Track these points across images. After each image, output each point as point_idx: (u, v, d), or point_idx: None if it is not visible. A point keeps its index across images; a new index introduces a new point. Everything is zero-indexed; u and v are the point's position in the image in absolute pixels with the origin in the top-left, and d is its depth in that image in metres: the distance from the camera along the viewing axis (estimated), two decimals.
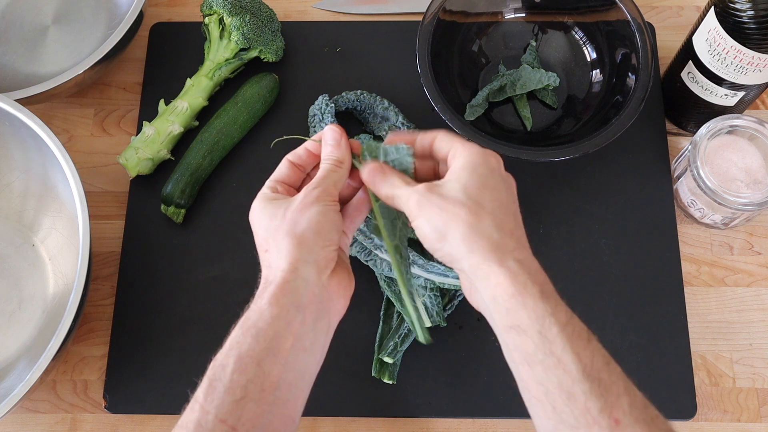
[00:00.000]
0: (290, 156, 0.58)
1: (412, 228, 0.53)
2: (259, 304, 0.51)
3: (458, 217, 0.50)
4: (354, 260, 0.73)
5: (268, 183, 0.57)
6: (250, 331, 0.50)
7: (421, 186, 0.52)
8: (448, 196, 0.51)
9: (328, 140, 0.57)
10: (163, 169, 0.79)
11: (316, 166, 0.58)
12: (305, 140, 0.59)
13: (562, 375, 0.46)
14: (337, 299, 0.54)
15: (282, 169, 0.58)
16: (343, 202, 0.58)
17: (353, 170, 0.58)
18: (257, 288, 0.54)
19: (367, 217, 0.64)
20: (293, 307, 0.50)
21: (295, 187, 0.58)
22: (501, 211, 0.51)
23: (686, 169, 0.74)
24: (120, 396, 0.72)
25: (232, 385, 0.48)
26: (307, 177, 0.59)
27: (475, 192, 0.51)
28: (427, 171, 0.57)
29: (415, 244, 0.73)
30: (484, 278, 0.50)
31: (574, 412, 0.46)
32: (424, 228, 0.51)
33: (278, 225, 0.53)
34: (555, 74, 0.80)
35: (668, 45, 0.84)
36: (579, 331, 0.48)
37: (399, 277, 0.57)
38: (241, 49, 0.81)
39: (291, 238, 0.52)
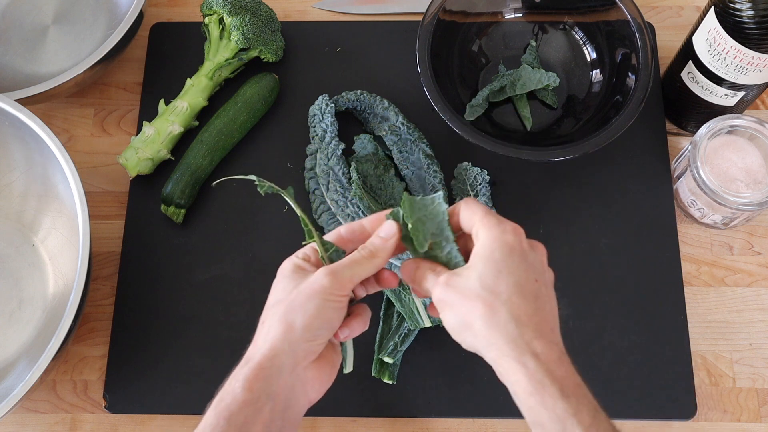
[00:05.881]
0: (343, 229, 0.56)
1: None
2: (233, 386, 0.51)
3: (474, 310, 0.49)
4: None
5: (303, 248, 0.56)
6: (223, 414, 0.50)
7: (442, 278, 0.51)
8: (465, 288, 0.50)
9: (380, 232, 0.54)
10: (163, 169, 0.79)
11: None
12: (250, 178, 0.57)
13: None
14: (311, 390, 0.53)
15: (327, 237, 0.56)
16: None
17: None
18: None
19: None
20: (264, 394, 0.50)
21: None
22: (518, 296, 0.49)
23: (686, 169, 0.74)
24: (120, 396, 0.72)
25: None
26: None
27: (490, 281, 0.49)
28: (464, 245, 0.54)
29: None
30: (504, 373, 0.49)
31: None
32: (449, 321, 0.51)
33: (280, 301, 0.53)
34: (555, 74, 0.80)
35: (668, 45, 0.84)
36: (604, 427, 0.47)
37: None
38: (241, 49, 0.81)
39: (281, 323, 0.52)
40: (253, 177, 0.57)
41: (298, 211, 0.56)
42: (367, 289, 0.57)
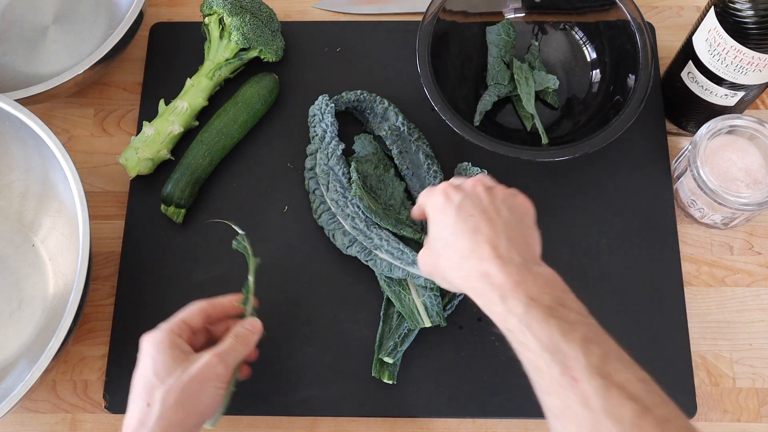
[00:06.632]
0: (206, 304, 0.64)
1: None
2: None
3: (438, 265, 0.59)
4: (354, 260, 0.74)
5: (175, 321, 0.61)
6: None
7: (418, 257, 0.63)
8: (426, 255, 0.61)
9: (246, 324, 0.63)
10: (163, 169, 0.79)
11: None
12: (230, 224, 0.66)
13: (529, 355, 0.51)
14: None
15: (193, 313, 0.63)
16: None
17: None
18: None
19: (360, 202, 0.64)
20: None
21: (193, 332, 0.62)
22: (455, 239, 0.57)
23: (686, 169, 0.74)
24: (120, 396, 0.72)
25: None
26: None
27: (437, 242, 0.59)
28: None
29: (415, 244, 0.73)
30: (477, 303, 0.56)
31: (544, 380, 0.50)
32: (440, 283, 0.62)
33: (171, 386, 0.56)
34: (555, 77, 0.80)
35: (668, 45, 0.84)
36: (535, 315, 0.52)
37: None
38: (241, 49, 0.81)
39: (177, 411, 0.55)
40: (241, 231, 0.67)
41: (251, 280, 0.65)
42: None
